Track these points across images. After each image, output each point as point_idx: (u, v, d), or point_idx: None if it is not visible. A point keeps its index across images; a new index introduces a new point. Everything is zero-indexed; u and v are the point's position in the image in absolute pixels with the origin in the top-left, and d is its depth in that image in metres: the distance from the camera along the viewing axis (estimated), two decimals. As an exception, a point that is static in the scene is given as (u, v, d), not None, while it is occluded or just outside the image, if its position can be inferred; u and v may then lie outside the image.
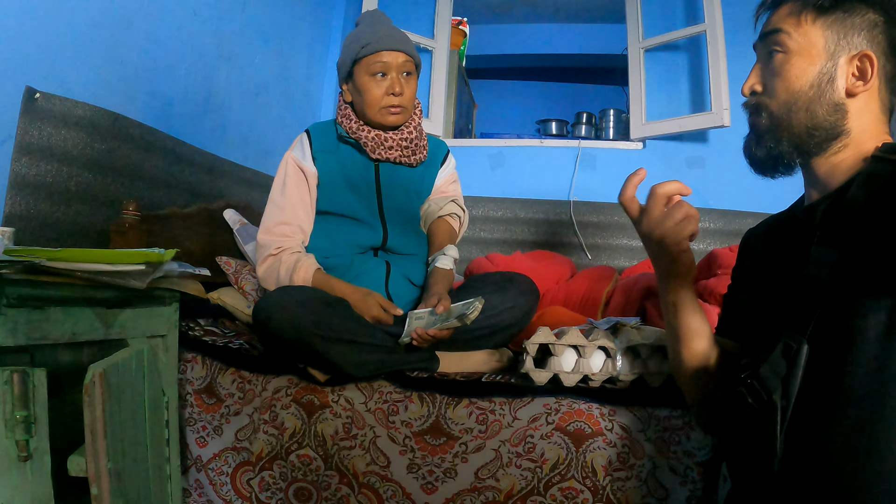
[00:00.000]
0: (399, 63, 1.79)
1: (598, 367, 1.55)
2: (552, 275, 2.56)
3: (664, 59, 3.68)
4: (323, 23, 3.85)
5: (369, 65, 1.78)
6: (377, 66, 1.78)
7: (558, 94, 6.47)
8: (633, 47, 3.67)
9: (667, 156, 3.58)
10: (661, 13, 3.68)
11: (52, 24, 1.80)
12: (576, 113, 5.47)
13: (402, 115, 1.81)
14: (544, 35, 5.64)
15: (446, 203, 1.95)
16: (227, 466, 1.66)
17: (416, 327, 1.57)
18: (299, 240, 1.83)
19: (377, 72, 1.78)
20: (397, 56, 1.79)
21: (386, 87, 1.78)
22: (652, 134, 3.55)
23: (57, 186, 1.82)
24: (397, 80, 1.78)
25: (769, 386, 0.94)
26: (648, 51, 3.65)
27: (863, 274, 0.87)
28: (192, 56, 2.49)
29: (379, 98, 1.78)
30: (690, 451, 1.45)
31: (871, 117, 1.05)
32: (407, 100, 1.81)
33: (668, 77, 3.66)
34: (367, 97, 1.79)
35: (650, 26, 3.65)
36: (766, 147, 1.10)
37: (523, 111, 6.37)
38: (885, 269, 0.84)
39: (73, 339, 1.25)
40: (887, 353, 0.82)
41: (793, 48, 1.06)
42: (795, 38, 1.06)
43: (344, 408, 1.60)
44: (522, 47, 5.70)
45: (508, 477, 1.49)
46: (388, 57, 1.78)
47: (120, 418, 1.19)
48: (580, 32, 5.54)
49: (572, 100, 6.20)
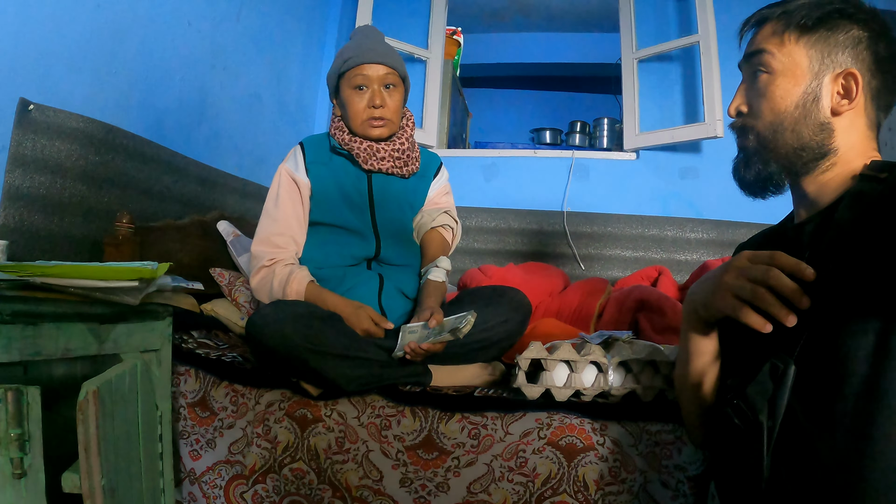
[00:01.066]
0: (380, 76, 1.80)
1: (589, 381, 1.56)
2: (545, 287, 2.57)
3: (658, 69, 3.70)
4: (317, 33, 3.85)
5: (351, 78, 1.80)
6: (358, 80, 1.79)
7: (552, 102, 6.50)
8: (627, 58, 3.69)
9: (660, 166, 3.60)
10: (654, 24, 3.71)
11: (46, 36, 1.80)
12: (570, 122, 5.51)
13: (385, 127, 1.82)
14: (539, 44, 5.67)
15: (439, 214, 1.95)
16: (220, 480, 1.66)
17: (409, 341, 1.57)
18: (293, 251, 1.84)
19: (358, 85, 1.80)
20: (378, 69, 1.80)
21: (367, 99, 1.79)
22: (645, 144, 3.57)
23: (51, 198, 1.82)
24: (377, 93, 1.80)
25: (756, 406, 0.93)
26: (642, 61, 3.67)
27: (851, 296, 0.87)
28: (186, 66, 2.50)
29: (361, 111, 1.80)
30: (682, 465, 1.46)
31: (858, 135, 1.05)
32: (390, 112, 1.81)
33: (661, 88, 3.69)
34: (350, 110, 1.81)
35: (644, 37, 3.68)
36: (755, 169, 1.10)
37: (518, 120, 6.40)
38: (873, 290, 0.84)
39: (66, 354, 1.25)
40: (876, 375, 0.82)
41: (777, 68, 1.06)
42: (779, 59, 1.06)
43: (337, 422, 1.60)
44: (517, 56, 5.73)
45: (500, 491, 1.50)
46: (368, 70, 1.79)
47: (113, 434, 1.19)
48: (574, 41, 5.57)
49: (566, 109, 6.23)
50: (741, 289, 0.93)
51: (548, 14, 5.24)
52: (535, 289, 2.46)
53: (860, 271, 0.86)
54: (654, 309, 2.08)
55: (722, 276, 0.97)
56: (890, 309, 0.82)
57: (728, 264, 0.98)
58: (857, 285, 0.86)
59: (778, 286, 0.88)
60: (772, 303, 0.88)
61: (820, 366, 0.88)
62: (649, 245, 3.41)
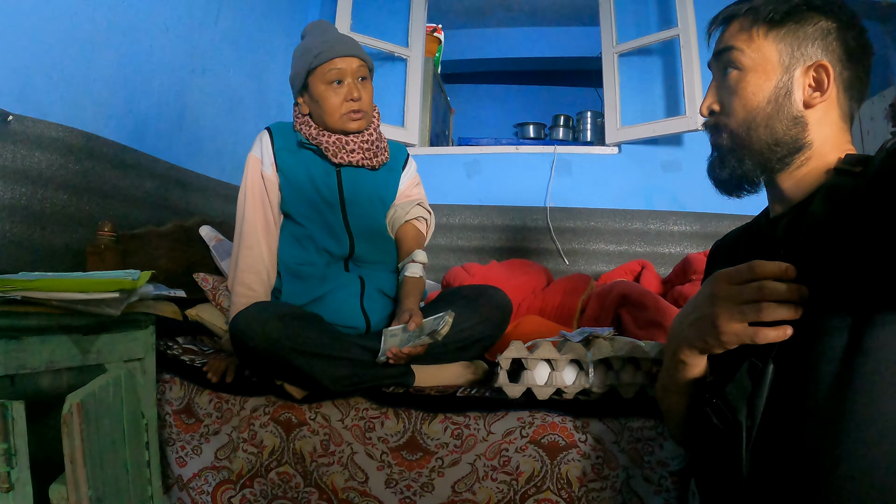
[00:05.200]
0: (354, 68, 1.79)
1: (570, 380, 1.57)
2: (528, 284, 2.58)
3: (638, 63, 3.72)
4: (297, 34, 3.76)
5: (324, 73, 1.77)
6: (333, 74, 1.77)
7: (536, 97, 6.51)
8: (608, 52, 3.71)
9: (642, 160, 3.62)
10: (634, 17, 3.72)
11: (24, 46, 1.80)
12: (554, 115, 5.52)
13: (363, 119, 1.82)
14: (521, 39, 5.67)
15: (412, 207, 1.95)
16: (207, 485, 1.67)
17: (391, 345, 1.58)
18: (265, 288, 1.82)
19: (333, 79, 1.77)
20: (351, 62, 1.78)
21: (344, 93, 1.78)
22: (627, 138, 3.59)
23: (32, 209, 1.82)
24: (354, 86, 1.78)
25: (735, 406, 0.93)
26: (622, 55, 3.69)
27: (825, 292, 0.87)
28: (165, 72, 2.50)
29: (338, 105, 1.78)
30: (664, 460, 1.48)
31: (831, 127, 1.04)
32: (366, 104, 1.81)
33: (642, 81, 3.70)
34: (326, 106, 1.78)
35: (624, 31, 3.70)
36: (730, 167, 1.09)
37: (501, 115, 6.40)
38: (846, 287, 0.84)
39: (50, 367, 1.26)
40: (848, 372, 0.82)
41: (747, 65, 1.06)
42: (749, 55, 1.06)
43: (321, 425, 1.62)
44: (499, 51, 5.73)
45: (485, 490, 1.52)
46: (342, 63, 1.77)
47: (99, 445, 1.20)
48: (556, 35, 5.58)
49: (550, 103, 6.23)
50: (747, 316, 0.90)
51: (530, 9, 5.24)
52: (517, 286, 2.48)
53: (833, 268, 0.86)
54: (636, 304, 2.11)
55: (715, 310, 0.94)
56: (863, 305, 0.82)
57: (711, 294, 0.95)
58: (830, 283, 0.86)
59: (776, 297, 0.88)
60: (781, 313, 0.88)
61: (795, 364, 0.88)
62: (633, 239, 3.43)
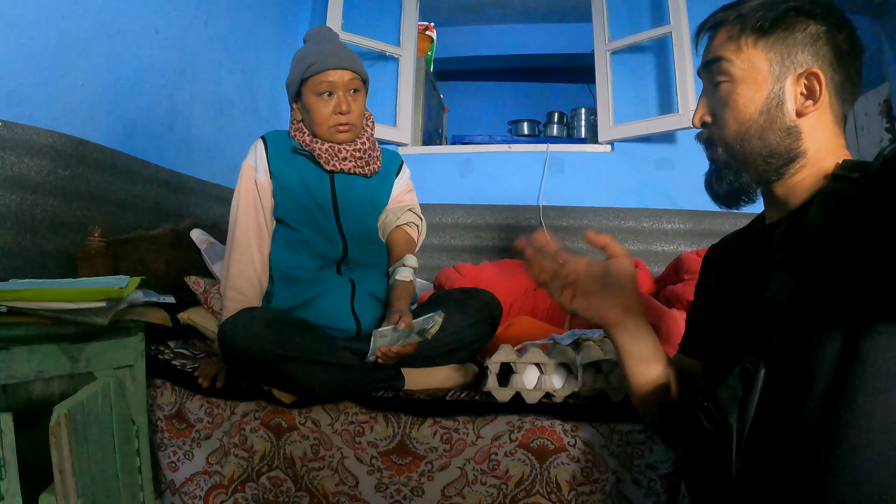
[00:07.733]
0: (345, 81, 1.79)
1: (559, 383, 1.58)
2: (520, 285, 2.58)
3: (630, 60, 3.71)
4: (288, 35, 3.84)
5: (315, 84, 1.78)
6: (323, 86, 1.78)
7: (529, 94, 6.51)
8: (600, 50, 3.70)
9: (635, 158, 3.62)
10: (626, 14, 3.72)
11: (12, 51, 1.80)
12: (547, 112, 5.51)
13: (350, 132, 1.82)
14: (514, 36, 5.66)
15: (403, 213, 1.97)
16: (199, 490, 1.68)
17: (380, 345, 1.59)
18: (256, 293, 1.84)
19: (323, 91, 1.78)
20: (343, 74, 1.79)
21: (333, 106, 1.78)
22: (620, 136, 3.59)
23: (21, 215, 1.81)
24: (343, 99, 1.79)
25: (725, 409, 0.92)
26: (615, 53, 3.68)
27: (820, 300, 0.86)
28: (154, 75, 2.49)
29: (327, 117, 1.79)
30: (653, 464, 1.48)
31: (825, 133, 1.02)
32: (354, 117, 1.82)
33: (634, 79, 3.70)
34: (315, 116, 1.80)
35: (616, 28, 3.69)
36: (727, 181, 1.08)
37: (495, 112, 6.40)
38: (841, 295, 0.83)
39: (39, 376, 1.26)
40: (842, 381, 0.81)
41: (737, 76, 1.04)
42: (738, 65, 1.04)
43: (311, 430, 1.62)
44: (492, 48, 5.71)
45: (474, 494, 1.52)
46: (333, 76, 1.78)
47: (88, 454, 1.20)
48: (549, 32, 5.56)
49: (544, 99, 6.24)
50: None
51: (523, 6, 5.23)
52: (509, 287, 2.48)
53: (829, 276, 0.85)
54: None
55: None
56: (858, 311, 0.81)
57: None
58: (825, 290, 0.85)
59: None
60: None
61: (789, 370, 0.88)
62: (626, 237, 3.43)
